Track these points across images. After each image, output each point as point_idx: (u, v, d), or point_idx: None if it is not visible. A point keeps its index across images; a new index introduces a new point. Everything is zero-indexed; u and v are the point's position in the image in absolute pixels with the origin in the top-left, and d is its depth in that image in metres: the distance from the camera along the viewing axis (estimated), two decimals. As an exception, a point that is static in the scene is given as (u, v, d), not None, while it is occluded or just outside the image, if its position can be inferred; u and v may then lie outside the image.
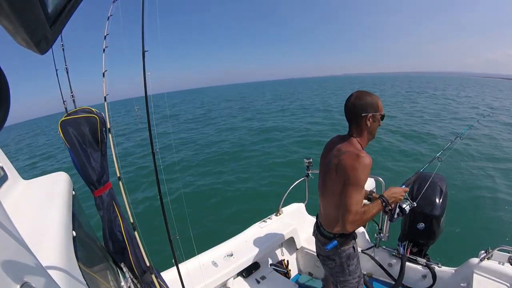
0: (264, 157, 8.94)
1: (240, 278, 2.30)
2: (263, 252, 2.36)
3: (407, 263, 2.19)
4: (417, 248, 2.28)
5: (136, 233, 1.34)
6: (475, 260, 2.01)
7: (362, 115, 1.32)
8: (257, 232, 2.53)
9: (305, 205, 2.92)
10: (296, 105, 24.35)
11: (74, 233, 0.91)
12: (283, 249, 2.68)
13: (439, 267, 2.17)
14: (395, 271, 2.15)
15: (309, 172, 2.67)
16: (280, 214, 2.76)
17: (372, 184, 2.48)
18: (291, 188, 2.68)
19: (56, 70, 1.73)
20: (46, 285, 0.47)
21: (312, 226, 1.76)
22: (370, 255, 2.37)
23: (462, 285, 1.98)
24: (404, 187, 1.58)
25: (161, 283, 1.41)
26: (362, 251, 2.45)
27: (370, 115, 1.32)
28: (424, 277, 2.20)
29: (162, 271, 1.76)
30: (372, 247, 2.44)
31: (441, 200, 2.10)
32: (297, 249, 2.67)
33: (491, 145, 9.62)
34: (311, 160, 2.67)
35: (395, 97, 27.97)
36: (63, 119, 1.17)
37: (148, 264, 1.34)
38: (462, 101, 22.98)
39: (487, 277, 1.90)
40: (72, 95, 1.61)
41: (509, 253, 1.99)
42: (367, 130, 1.36)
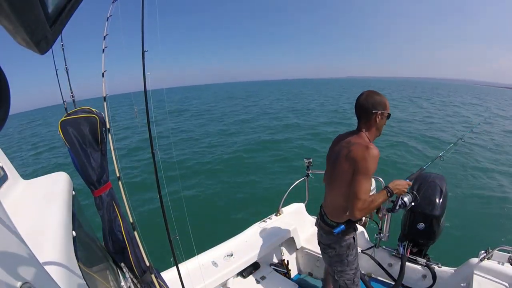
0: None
1: (240, 278, 2.30)
2: (263, 252, 2.36)
3: (407, 263, 2.19)
4: (417, 248, 2.28)
5: (136, 233, 1.34)
6: (475, 260, 2.01)
7: (372, 111, 1.42)
8: (257, 232, 2.53)
9: (305, 205, 2.92)
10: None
11: (74, 233, 0.91)
12: (283, 249, 2.68)
13: (439, 267, 2.17)
14: (395, 271, 2.15)
15: (309, 172, 2.67)
16: (280, 214, 2.76)
17: (372, 184, 2.48)
18: (291, 188, 2.68)
19: (56, 70, 1.73)
20: (46, 285, 0.47)
21: (312, 226, 1.77)
22: (370, 255, 2.37)
23: (462, 285, 1.98)
24: (407, 180, 1.64)
25: (161, 283, 1.41)
26: (362, 251, 2.45)
27: (379, 112, 1.43)
28: (424, 277, 2.20)
29: (162, 271, 1.76)
30: (372, 247, 2.44)
31: (441, 200, 2.10)
32: (297, 249, 2.67)
33: (492, 149, 9.68)
34: (311, 160, 2.67)
35: (406, 101, 28.02)
36: (63, 119, 1.17)
37: (148, 264, 1.34)
38: (469, 108, 23.18)
39: (487, 277, 1.90)
40: (72, 95, 1.61)
41: (509, 253, 1.99)
42: (375, 126, 1.47)
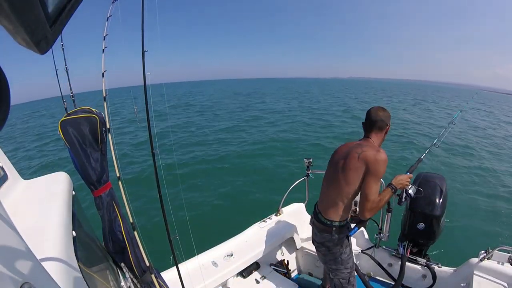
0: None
1: (240, 278, 2.30)
2: (263, 252, 2.36)
3: (407, 263, 2.19)
4: (417, 248, 2.28)
5: (136, 233, 1.33)
6: (475, 260, 2.01)
7: (386, 125, 1.63)
8: (257, 232, 2.52)
9: (305, 205, 2.92)
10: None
11: (74, 233, 0.91)
12: (283, 249, 2.68)
13: (439, 267, 2.17)
14: (395, 271, 2.15)
15: (309, 172, 2.67)
16: (280, 214, 2.76)
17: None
18: (291, 188, 2.68)
19: (56, 70, 1.73)
20: (46, 285, 0.47)
21: None
22: (370, 255, 2.37)
23: (462, 285, 1.98)
24: (408, 174, 1.76)
25: (161, 283, 1.41)
26: (362, 251, 2.45)
27: (389, 126, 1.65)
28: (424, 277, 2.20)
29: (162, 271, 1.76)
30: (372, 247, 2.44)
31: (441, 200, 2.10)
32: (297, 249, 2.67)
33: (493, 151, 9.70)
34: (311, 160, 2.67)
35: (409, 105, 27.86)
36: (63, 119, 1.17)
37: (148, 264, 1.34)
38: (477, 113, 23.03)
39: (487, 277, 1.90)
40: (72, 95, 1.61)
41: (508, 253, 1.99)
42: (383, 137, 1.66)
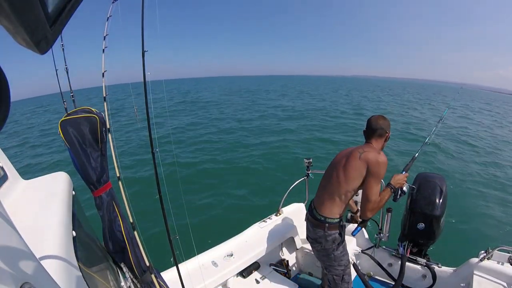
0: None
1: (240, 278, 2.30)
2: (263, 252, 2.36)
3: (407, 263, 2.19)
4: (417, 248, 2.28)
5: (136, 233, 1.33)
6: (475, 260, 2.01)
7: (386, 132, 1.73)
8: (257, 232, 2.52)
9: (305, 205, 2.92)
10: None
11: (74, 233, 0.91)
12: (283, 249, 2.68)
13: (439, 267, 2.17)
14: (395, 271, 2.15)
15: (309, 172, 2.67)
16: (280, 214, 2.76)
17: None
18: (291, 188, 2.68)
19: (56, 70, 1.73)
20: (46, 285, 0.47)
21: None
22: (370, 255, 2.38)
23: (462, 285, 1.98)
24: (404, 173, 1.87)
25: (161, 283, 1.41)
26: (362, 251, 2.45)
27: (388, 133, 1.75)
28: (424, 277, 2.20)
29: (162, 271, 1.76)
30: (372, 247, 2.44)
31: (441, 200, 2.10)
32: (297, 249, 2.67)
33: (493, 152, 9.69)
34: (311, 160, 2.67)
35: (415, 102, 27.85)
36: (63, 119, 1.17)
37: (148, 264, 1.34)
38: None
39: (486, 277, 1.90)
40: (72, 95, 1.61)
41: (508, 253, 1.99)
42: (383, 144, 1.76)
